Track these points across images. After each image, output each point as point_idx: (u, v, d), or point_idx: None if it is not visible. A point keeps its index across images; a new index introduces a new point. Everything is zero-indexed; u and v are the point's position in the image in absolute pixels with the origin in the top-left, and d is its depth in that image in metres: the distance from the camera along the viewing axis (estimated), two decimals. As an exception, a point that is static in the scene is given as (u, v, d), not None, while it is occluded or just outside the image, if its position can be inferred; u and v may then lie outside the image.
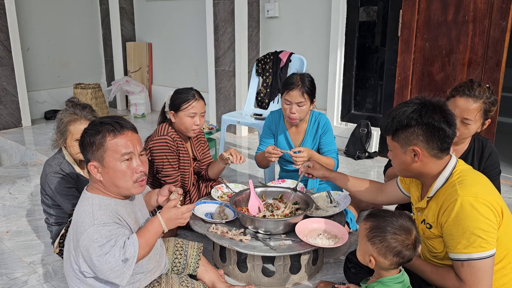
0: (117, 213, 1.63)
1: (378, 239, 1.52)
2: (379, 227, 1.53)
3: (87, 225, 1.55)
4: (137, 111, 5.86)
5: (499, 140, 3.77)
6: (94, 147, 1.60)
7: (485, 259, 1.49)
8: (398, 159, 1.68)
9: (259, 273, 2.13)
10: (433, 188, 1.64)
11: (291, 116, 2.56)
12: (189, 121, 2.47)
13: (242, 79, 4.71)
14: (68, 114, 2.24)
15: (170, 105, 2.52)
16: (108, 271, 1.53)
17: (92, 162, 1.62)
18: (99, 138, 1.60)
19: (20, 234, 2.73)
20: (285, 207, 2.34)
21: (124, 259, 1.53)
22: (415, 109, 1.59)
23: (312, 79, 2.59)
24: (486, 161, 2.14)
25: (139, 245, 1.57)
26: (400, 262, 1.54)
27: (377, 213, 1.58)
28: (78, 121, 2.22)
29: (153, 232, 1.64)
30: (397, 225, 1.52)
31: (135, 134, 1.69)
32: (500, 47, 3.19)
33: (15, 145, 4.56)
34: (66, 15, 5.86)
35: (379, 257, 1.54)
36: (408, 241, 1.51)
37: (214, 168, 2.71)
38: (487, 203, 1.50)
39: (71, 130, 2.23)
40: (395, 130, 1.63)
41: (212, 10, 4.73)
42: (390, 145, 1.70)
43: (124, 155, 1.61)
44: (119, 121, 1.64)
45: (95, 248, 1.52)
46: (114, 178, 1.62)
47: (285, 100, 2.56)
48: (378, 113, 4.21)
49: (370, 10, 4.13)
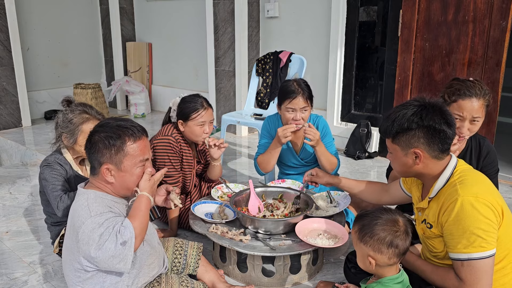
0: (111, 205, 1.64)
1: (368, 236, 1.55)
2: (365, 225, 1.57)
3: (84, 218, 1.56)
4: (137, 111, 5.86)
5: (499, 140, 3.77)
6: (112, 151, 1.60)
7: (485, 259, 1.49)
8: (398, 161, 1.68)
9: (259, 273, 2.13)
10: (434, 189, 1.64)
11: (297, 123, 2.48)
12: (199, 130, 2.46)
13: (242, 79, 4.71)
14: (79, 114, 2.22)
15: (178, 114, 2.50)
16: (110, 259, 1.53)
17: (106, 165, 1.61)
18: (119, 143, 1.60)
19: (20, 234, 2.73)
20: (285, 207, 2.34)
21: (122, 242, 1.53)
22: (415, 111, 1.58)
23: (307, 83, 2.55)
24: (484, 160, 2.14)
25: (134, 226, 1.58)
26: (397, 253, 1.54)
27: (362, 215, 1.63)
28: (91, 120, 2.22)
29: (143, 209, 1.64)
30: (382, 218, 1.56)
31: (147, 138, 1.72)
32: (500, 47, 3.19)
33: (15, 145, 4.56)
34: (66, 15, 5.86)
35: (376, 255, 1.55)
36: (396, 229, 1.54)
37: (211, 170, 2.71)
38: (488, 203, 1.50)
39: (84, 129, 2.20)
40: (395, 133, 1.62)
41: (212, 10, 4.73)
42: (390, 148, 1.69)
43: (142, 161, 1.65)
44: (136, 126, 1.66)
45: (95, 239, 1.52)
46: (128, 181, 1.65)
47: (287, 109, 2.48)
48: (378, 113, 4.21)
49: (370, 10, 4.13)
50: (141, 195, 1.67)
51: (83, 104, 2.30)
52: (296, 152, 2.72)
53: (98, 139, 1.62)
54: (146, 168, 1.70)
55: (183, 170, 2.58)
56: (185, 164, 2.57)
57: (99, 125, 1.68)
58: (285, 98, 2.47)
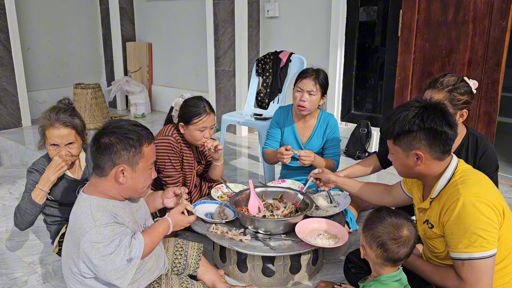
0: (115, 213, 1.63)
1: (368, 227, 1.59)
2: (373, 217, 1.59)
3: (88, 227, 1.54)
4: (137, 111, 5.86)
5: (499, 140, 3.77)
6: (131, 153, 1.61)
7: (486, 259, 1.49)
8: (400, 162, 1.68)
9: (259, 273, 2.13)
10: (436, 189, 1.64)
11: (301, 103, 2.58)
12: (199, 135, 2.46)
13: (242, 79, 4.71)
14: (42, 118, 2.17)
15: (180, 116, 2.50)
16: (111, 272, 1.53)
17: (122, 166, 1.61)
18: (138, 144, 1.62)
19: (20, 234, 2.73)
20: (285, 207, 2.34)
21: (129, 258, 1.55)
22: (416, 113, 1.58)
23: (326, 75, 2.67)
24: (480, 159, 2.13)
25: (145, 244, 1.62)
26: (385, 256, 1.54)
27: (380, 208, 1.63)
28: (52, 127, 2.13)
29: (161, 232, 1.74)
30: (389, 219, 1.56)
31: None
32: (500, 47, 3.19)
33: (15, 145, 4.56)
34: (66, 15, 5.86)
35: (366, 247, 1.59)
36: (394, 236, 1.53)
37: (212, 170, 2.71)
38: (489, 203, 1.50)
39: (46, 134, 2.16)
40: (396, 135, 1.62)
41: (212, 10, 4.73)
42: (392, 149, 1.69)
43: (152, 163, 1.70)
44: (147, 129, 1.70)
45: (99, 249, 1.52)
46: (138, 183, 1.67)
47: (297, 88, 2.61)
48: (378, 113, 4.21)
49: (370, 10, 4.13)
50: (166, 219, 1.77)
51: (56, 108, 2.18)
52: (302, 143, 2.73)
53: (116, 141, 1.60)
54: (183, 203, 1.87)
55: (184, 170, 2.58)
56: (185, 164, 2.57)
57: (113, 126, 1.65)
58: (298, 77, 2.63)
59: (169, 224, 1.77)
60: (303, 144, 2.74)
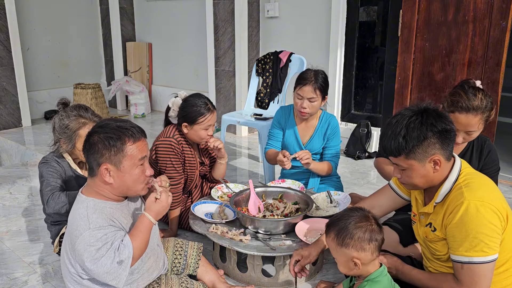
0: (112, 215, 1.63)
1: (347, 238, 1.55)
2: (341, 229, 1.57)
3: (82, 229, 1.55)
4: (137, 111, 5.86)
5: (499, 140, 3.77)
6: (112, 151, 1.59)
7: (486, 264, 1.49)
8: (418, 175, 1.59)
9: (259, 273, 2.13)
10: (441, 193, 1.61)
11: (302, 110, 2.59)
12: (204, 133, 2.46)
13: (242, 79, 4.71)
14: (75, 119, 2.18)
15: (183, 117, 2.46)
16: (104, 274, 1.53)
17: (105, 165, 1.60)
18: (119, 143, 1.60)
19: (20, 234, 2.73)
20: (285, 207, 2.34)
21: (119, 261, 1.54)
22: (420, 120, 1.54)
23: (325, 76, 2.65)
24: (485, 158, 2.14)
25: (133, 246, 1.58)
26: (377, 246, 1.56)
27: (332, 221, 1.63)
28: (87, 125, 2.17)
29: (144, 231, 1.64)
30: (354, 217, 1.58)
31: (146, 139, 1.71)
32: (500, 47, 3.19)
33: (15, 145, 4.56)
34: (66, 15, 5.86)
35: (360, 254, 1.55)
36: (370, 224, 1.56)
37: (216, 168, 2.71)
38: (494, 208, 1.49)
39: (81, 134, 2.16)
40: (412, 147, 1.54)
41: (212, 10, 4.73)
42: (404, 165, 1.59)
43: (140, 160, 1.64)
44: (135, 127, 1.66)
45: (91, 252, 1.52)
46: (128, 182, 1.64)
47: (297, 95, 2.60)
48: (378, 113, 4.21)
49: (370, 10, 4.13)
50: (143, 216, 1.66)
51: (78, 106, 2.24)
52: (303, 143, 2.73)
53: (98, 140, 1.60)
54: (153, 184, 1.69)
55: (186, 172, 2.57)
56: (187, 165, 2.56)
57: (98, 126, 1.66)
58: (297, 84, 2.61)
59: (148, 219, 1.65)
60: (303, 145, 2.74)
